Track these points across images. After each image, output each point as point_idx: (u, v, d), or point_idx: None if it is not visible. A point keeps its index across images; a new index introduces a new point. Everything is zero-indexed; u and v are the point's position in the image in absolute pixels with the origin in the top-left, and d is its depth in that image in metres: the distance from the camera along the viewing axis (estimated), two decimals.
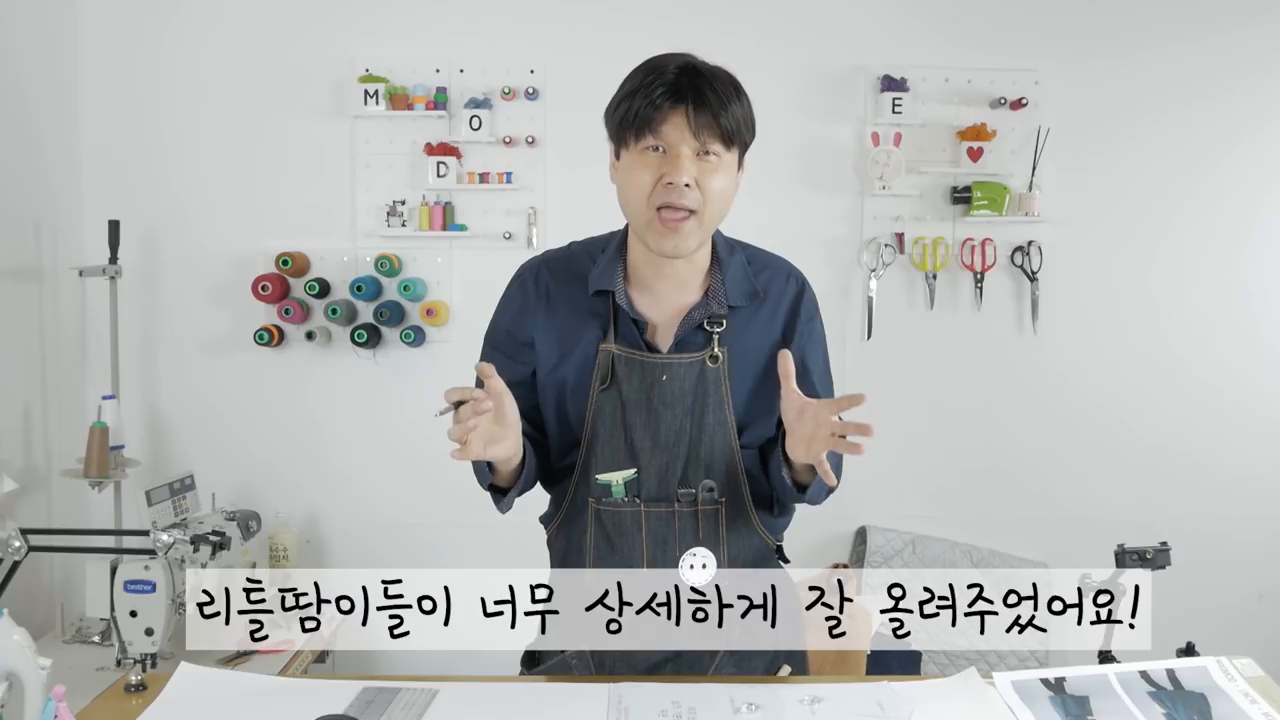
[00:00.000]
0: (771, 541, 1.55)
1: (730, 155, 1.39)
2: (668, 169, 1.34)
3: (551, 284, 1.50)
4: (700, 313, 1.45)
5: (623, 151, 1.39)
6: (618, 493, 1.45)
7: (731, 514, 1.48)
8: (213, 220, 2.95)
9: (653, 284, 1.46)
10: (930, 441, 3.10)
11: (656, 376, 1.44)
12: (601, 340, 1.46)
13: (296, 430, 3.01)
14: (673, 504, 1.46)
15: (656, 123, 1.34)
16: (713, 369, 1.45)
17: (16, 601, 2.29)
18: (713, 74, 1.37)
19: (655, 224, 1.37)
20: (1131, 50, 3.03)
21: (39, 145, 2.77)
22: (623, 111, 1.36)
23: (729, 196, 1.41)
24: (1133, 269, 3.08)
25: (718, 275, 1.47)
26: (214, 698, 1.37)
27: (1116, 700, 1.32)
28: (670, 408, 1.44)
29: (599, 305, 1.47)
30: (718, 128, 1.35)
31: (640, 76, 1.37)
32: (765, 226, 3.01)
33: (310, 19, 2.93)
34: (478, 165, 2.94)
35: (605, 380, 1.44)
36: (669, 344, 1.46)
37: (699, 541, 1.46)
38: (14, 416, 2.64)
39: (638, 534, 1.46)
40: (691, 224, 1.36)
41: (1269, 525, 3.15)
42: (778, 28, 2.97)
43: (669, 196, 1.34)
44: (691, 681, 1.43)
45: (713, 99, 1.34)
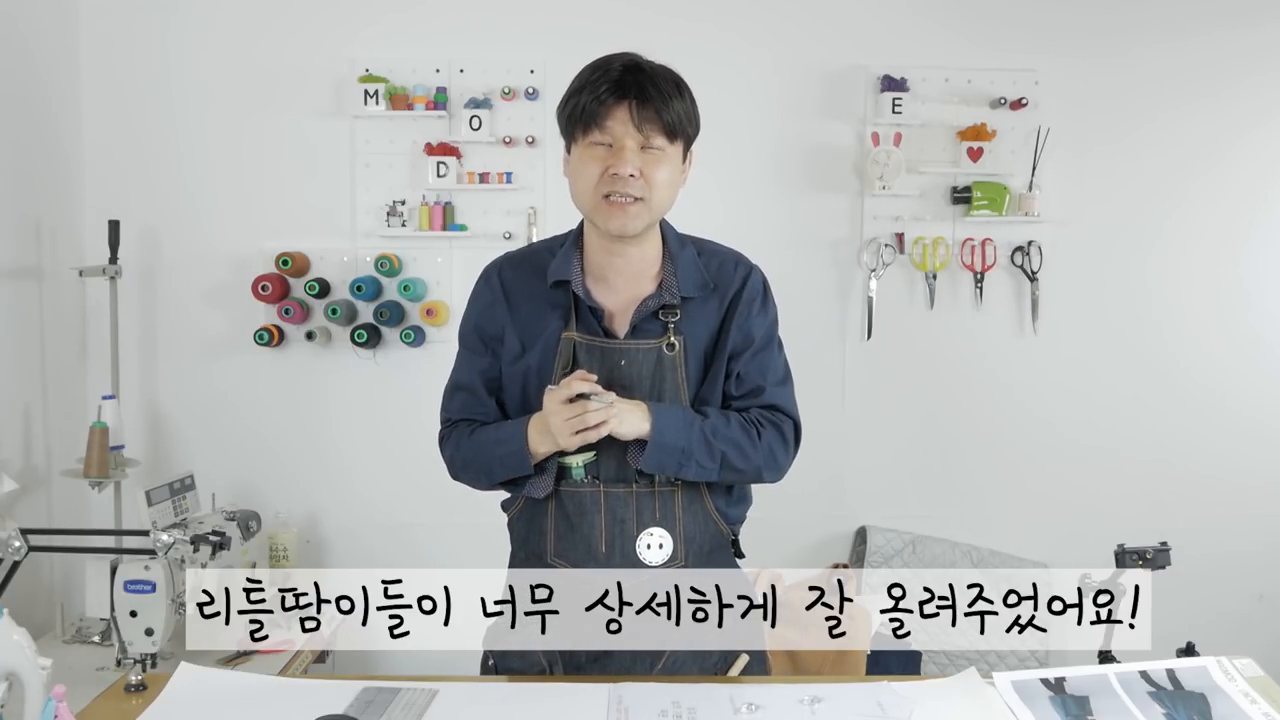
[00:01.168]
0: (727, 531, 1.58)
1: (674, 148, 1.46)
2: (613, 161, 1.42)
3: (512, 280, 1.58)
4: (654, 302, 1.52)
5: (573, 146, 1.47)
6: (577, 475, 1.50)
7: (686, 497, 1.53)
8: (213, 220, 2.95)
9: (608, 274, 1.53)
10: (930, 441, 3.10)
11: (616, 361, 1.51)
12: (564, 329, 1.51)
13: (296, 430, 3.01)
14: (631, 484, 1.50)
15: (602, 117, 1.42)
16: (669, 356, 1.51)
17: (16, 601, 2.29)
18: (655, 71, 1.44)
19: (603, 205, 1.44)
20: (1131, 50, 3.03)
21: (39, 145, 2.77)
22: (570, 107, 1.45)
23: (674, 186, 1.48)
24: (1132, 269, 3.08)
25: (669, 267, 1.53)
26: (214, 698, 1.37)
27: (1116, 700, 1.32)
28: (629, 391, 1.50)
29: (559, 296, 1.54)
30: (660, 121, 1.42)
31: (587, 74, 1.45)
32: (765, 226, 3.04)
33: (310, 19, 2.92)
34: (478, 165, 2.94)
35: (567, 366, 1.50)
36: (625, 331, 1.52)
37: (655, 522, 1.51)
38: (14, 416, 2.64)
39: (597, 514, 1.50)
40: (638, 208, 1.44)
41: (1269, 525, 3.15)
42: (778, 28, 2.97)
43: (614, 185, 1.42)
44: (692, 682, 1.43)
45: (655, 94, 1.42)
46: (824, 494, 3.02)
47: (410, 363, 2.98)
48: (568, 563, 1.51)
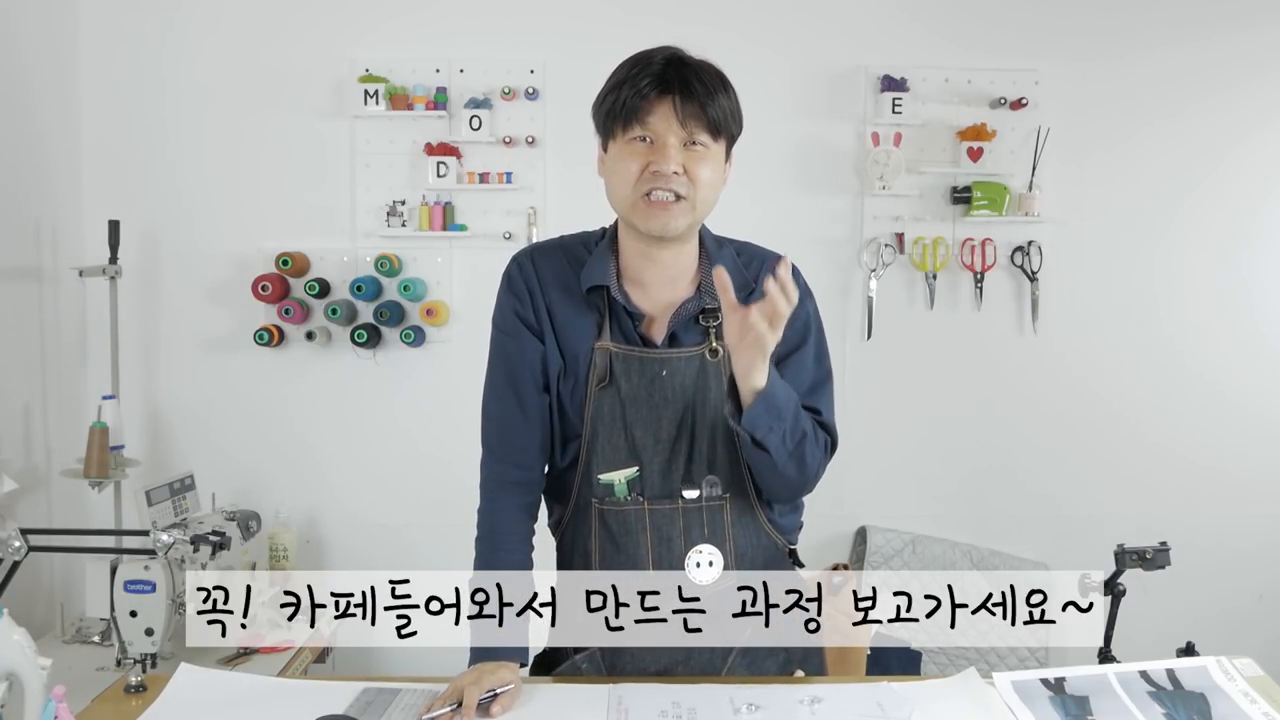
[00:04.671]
0: (782, 542, 1.53)
1: (717, 146, 1.38)
2: (655, 158, 1.34)
3: (545, 270, 1.48)
4: (693, 306, 1.45)
5: (610, 143, 1.39)
6: (620, 492, 1.44)
7: (736, 511, 1.47)
8: (213, 220, 2.95)
9: (644, 277, 1.45)
10: (930, 442, 3.10)
11: (656, 372, 1.43)
12: (596, 338, 1.45)
13: (297, 430, 3.01)
14: (676, 501, 1.45)
15: (643, 113, 1.34)
16: (712, 363, 1.44)
17: (16, 601, 2.29)
18: (699, 66, 1.37)
19: (642, 205, 1.36)
20: (1131, 50, 3.03)
21: (39, 145, 2.77)
22: (609, 103, 1.37)
23: (717, 186, 1.40)
24: (1133, 269, 3.08)
25: (708, 269, 1.44)
26: (214, 698, 1.37)
27: (1116, 700, 1.32)
28: (671, 403, 1.43)
29: (593, 300, 1.46)
30: (704, 117, 1.34)
31: (627, 69, 1.37)
32: (765, 226, 3.02)
33: (310, 19, 2.92)
34: (478, 165, 2.94)
35: (603, 380, 1.43)
36: (663, 337, 1.45)
37: (704, 539, 1.44)
38: (14, 416, 2.64)
39: (642, 533, 1.44)
40: (681, 206, 1.36)
41: (1269, 525, 3.15)
42: (778, 28, 2.97)
43: (655, 182, 1.34)
44: (692, 682, 1.43)
45: (699, 89, 1.34)
46: (823, 494, 2.96)
47: (410, 363, 2.99)
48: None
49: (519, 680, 1.37)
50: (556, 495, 1.54)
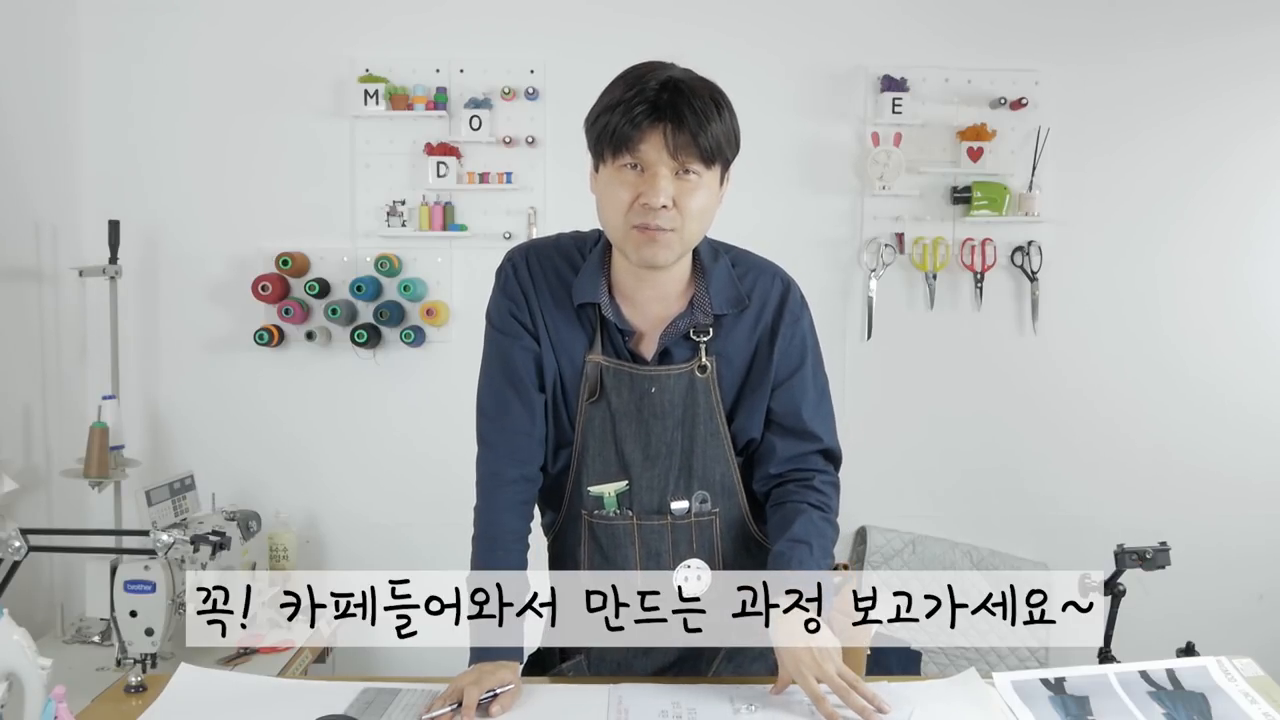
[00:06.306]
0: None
1: (710, 173, 1.34)
2: (645, 189, 1.31)
3: (539, 275, 1.47)
4: (685, 322, 1.43)
5: (601, 165, 1.37)
6: (610, 505, 1.45)
7: (725, 525, 1.47)
8: (213, 220, 2.95)
9: (635, 294, 1.44)
10: (930, 442, 3.10)
11: (645, 388, 1.43)
12: (588, 350, 1.45)
13: (297, 430, 3.01)
14: (665, 516, 1.45)
15: (635, 141, 1.30)
16: (701, 379, 1.43)
17: (16, 601, 2.29)
18: (694, 90, 1.32)
19: (633, 235, 1.34)
20: (1132, 51, 3.03)
21: (39, 145, 2.76)
22: (600, 126, 1.33)
23: (709, 214, 1.37)
24: (1133, 269, 3.08)
25: (701, 284, 1.44)
26: (214, 698, 1.37)
27: (1116, 700, 1.32)
28: (661, 419, 1.43)
29: (584, 313, 1.46)
30: (696, 147, 1.30)
31: (621, 89, 1.33)
32: (765, 227, 3.02)
33: (310, 19, 2.92)
34: (478, 165, 2.94)
35: (594, 393, 1.44)
36: (653, 353, 1.44)
37: (693, 554, 1.45)
38: (14, 416, 2.64)
39: (630, 547, 1.46)
40: (669, 238, 1.34)
41: (1269, 525, 3.15)
42: (778, 28, 2.97)
43: (645, 217, 1.32)
44: (692, 683, 1.43)
45: (691, 119, 1.30)
46: None
47: (410, 363, 2.99)
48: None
49: (519, 680, 1.37)
50: (550, 500, 1.55)
